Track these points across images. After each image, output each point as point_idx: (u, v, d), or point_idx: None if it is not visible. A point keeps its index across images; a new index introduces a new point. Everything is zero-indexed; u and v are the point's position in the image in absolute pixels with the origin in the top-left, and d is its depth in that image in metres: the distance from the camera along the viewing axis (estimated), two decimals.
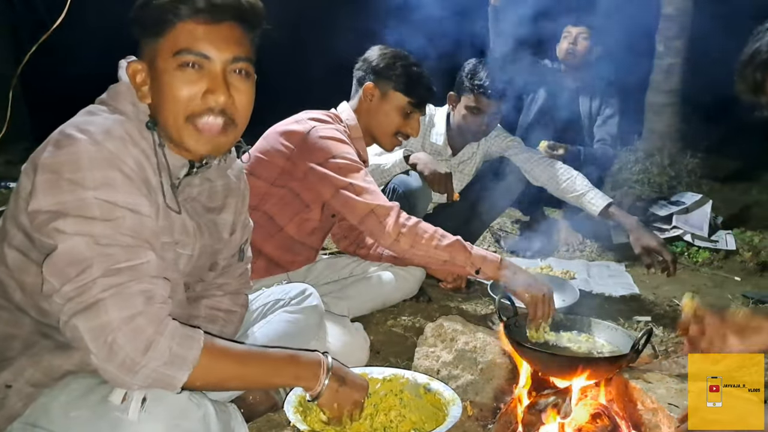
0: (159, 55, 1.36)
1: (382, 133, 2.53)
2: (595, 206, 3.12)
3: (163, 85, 1.36)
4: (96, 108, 1.41)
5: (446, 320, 2.21)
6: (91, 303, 1.22)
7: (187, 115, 1.37)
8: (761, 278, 3.67)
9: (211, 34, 1.36)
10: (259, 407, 1.94)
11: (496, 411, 2.00)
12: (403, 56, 2.53)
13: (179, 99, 1.36)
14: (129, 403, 1.26)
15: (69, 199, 1.24)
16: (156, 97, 1.38)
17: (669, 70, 5.67)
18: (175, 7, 1.34)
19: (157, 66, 1.37)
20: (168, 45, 1.36)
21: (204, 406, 1.33)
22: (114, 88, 1.45)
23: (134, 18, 1.40)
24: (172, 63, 1.35)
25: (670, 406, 1.69)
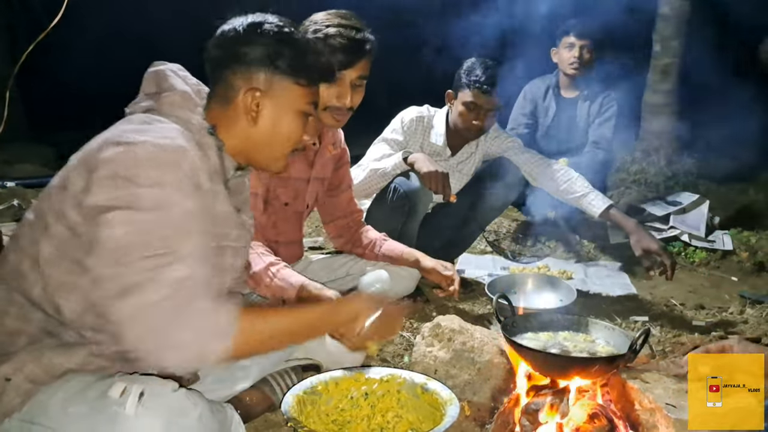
0: (298, 97, 1.55)
1: None
2: (596, 208, 3.12)
3: (281, 123, 1.55)
4: (151, 117, 1.47)
5: (443, 320, 2.21)
6: (127, 287, 1.26)
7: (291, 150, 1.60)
8: (758, 278, 3.68)
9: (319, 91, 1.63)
10: (256, 408, 1.94)
11: (494, 411, 2.00)
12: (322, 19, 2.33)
13: (297, 136, 1.59)
14: (127, 398, 1.27)
15: (123, 194, 1.30)
16: (269, 126, 1.54)
17: (666, 70, 5.68)
18: (330, 71, 1.68)
19: (289, 103, 1.55)
20: (309, 94, 1.58)
21: (200, 406, 1.34)
22: (168, 98, 1.51)
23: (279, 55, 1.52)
24: (304, 107, 1.57)
25: (667, 406, 1.69)
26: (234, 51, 1.52)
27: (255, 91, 1.51)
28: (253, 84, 1.51)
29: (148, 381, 1.33)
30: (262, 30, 1.52)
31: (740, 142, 5.00)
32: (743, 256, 3.88)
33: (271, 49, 1.51)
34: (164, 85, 1.53)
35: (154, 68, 1.58)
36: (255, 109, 1.52)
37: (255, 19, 1.55)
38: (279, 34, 1.53)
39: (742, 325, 2.90)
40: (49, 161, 6.25)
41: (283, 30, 1.54)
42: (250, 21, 1.54)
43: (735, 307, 3.15)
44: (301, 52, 1.55)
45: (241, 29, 1.53)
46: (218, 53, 1.55)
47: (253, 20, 1.55)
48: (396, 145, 3.19)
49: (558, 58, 4.30)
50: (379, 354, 2.46)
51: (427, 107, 3.37)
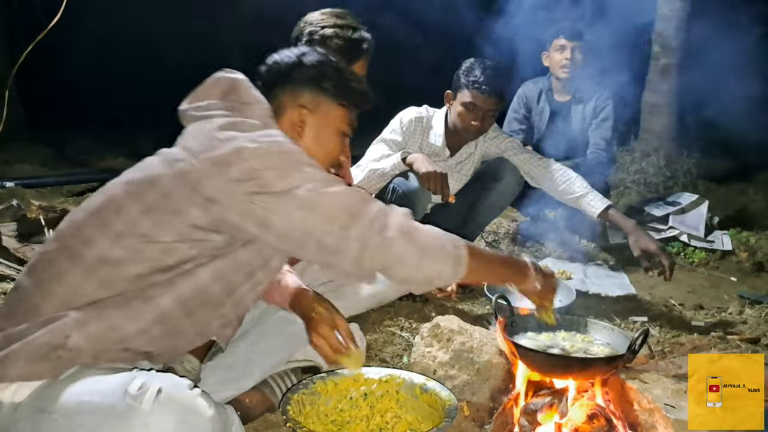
0: (337, 117, 1.72)
1: None
2: (594, 209, 3.12)
3: (325, 139, 1.71)
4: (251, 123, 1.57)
5: (442, 320, 2.21)
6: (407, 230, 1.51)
7: (328, 167, 1.70)
8: (757, 278, 3.67)
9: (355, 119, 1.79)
10: (256, 410, 1.94)
11: (493, 411, 2.00)
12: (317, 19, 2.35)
13: (333, 154, 1.74)
14: (144, 393, 1.29)
15: (299, 176, 1.48)
16: (309, 140, 1.68)
17: (665, 70, 5.69)
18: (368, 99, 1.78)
19: (331, 122, 1.71)
20: (349, 116, 1.74)
21: (212, 407, 1.35)
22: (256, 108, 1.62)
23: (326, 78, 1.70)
24: (343, 128, 1.73)
25: (666, 406, 1.69)
26: (286, 72, 1.70)
27: (302, 109, 1.67)
28: (301, 102, 1.68)
29: (165, 378, 1.36)
30: (312, 56, 1.72)
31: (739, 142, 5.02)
32: (742, 257, 3.88)
33: (319, 72, 1.70)
34: (246, 96, 1.63)
35: (227, 75, 1.66)
36: (300, 125, 1.67)
37: (305, 49, 1.77)
38: (327, 61, 1.73)
39: (741, 326, 2.90)
40: (48, 161, 6.26)
41: (330, 58, 1.76)
42: (301, 49, 1.76)
43: (734, 307, 3.14)
44: (345, 77, 1.74)
45: (294, 54, 1.72)
46: (271, 74, 1.71)
47: (303, 49, 1.76)
48: (395, 146, 3.19)
49: (549, 61, 4.26)
50: (377, 354, 2.46)
51: (426, 108, 3.37)
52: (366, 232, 1.47)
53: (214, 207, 1.45)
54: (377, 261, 1.49)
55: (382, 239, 1.47)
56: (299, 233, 1.47)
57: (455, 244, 1.57)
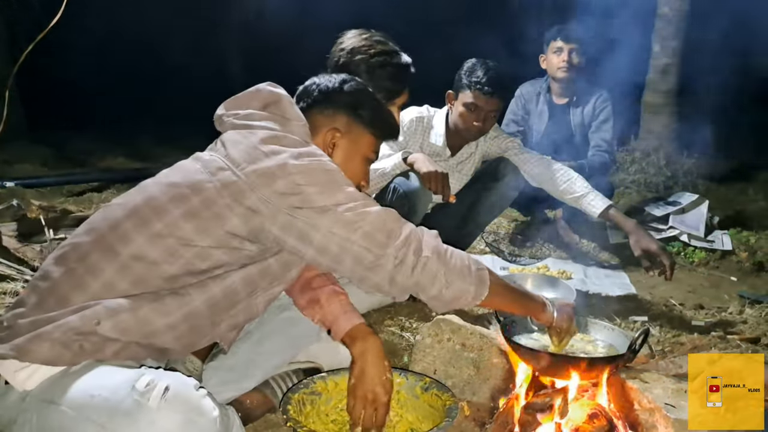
0: (366, 144, 1.82)
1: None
2: (595, 208, 3.12)
3: (354, 162, 1.80)
4: (293, 139, 1.64)
5: (443, 320, 2.21)
6: (439, 250, 1.59)
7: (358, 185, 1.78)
8: (757, 278, 3.68)
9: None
10: (256, 411, 1.94)
11: (493, 411, 2.00)
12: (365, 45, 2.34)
13: (359, 177, 1.82)
14: (151, 391, 1.31)
15: (340, 195, 1.55)
16: (341, 162, 1.73)
17: (665, 70, 5.70)
18: (396, 132, 1.94)
19: (360, 147, 1.81)
20: (376, 145, 1.85)
21: (217, 408, 1.36)
22: (298, 125, 1.71)
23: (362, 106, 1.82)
24: (370, 155, 1.84)
25: (666, 406, 1.69)
26: (326, 95, 1.81)
27: (336, 131, 1.77)
28: (336, 124, 1.78)
29: (173, 377, 1.37)
30: (353, 84, 1.85)
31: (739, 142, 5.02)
32: (742, 256, 3.89)
33: (357, 99, 1.81)
34: (288, 111, 1.71)
35: (271, 89, 1.74)
36: (332, 146, 1.77)
37: (346, 77, 1.88)
38: (365, 91, 1.86)
39: (741, 325, 2.90)
40: (48, 161, 6.26)
41: (368, 89, 1.88)
42: (343, 77, 1.87)
43: (734, 307, 3.15)
44: (379, 108, 1.86)
45: (337, 81, 1.84)
46: (312, 95, 1.82)
47: (345, 77, 1.87)
48: (395, 145, 3.18)
49: (547, 64, 4.25)
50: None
51: (427, 107, 3.37)
52: (402, 251, 1.54)
53: (255, 218, 1.52)
54: (412, 278, 1.56)
55: (417, 258, 1.55)
56: (338, 248, 1.54)
57: (479, 266, 1.64)
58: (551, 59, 4.18)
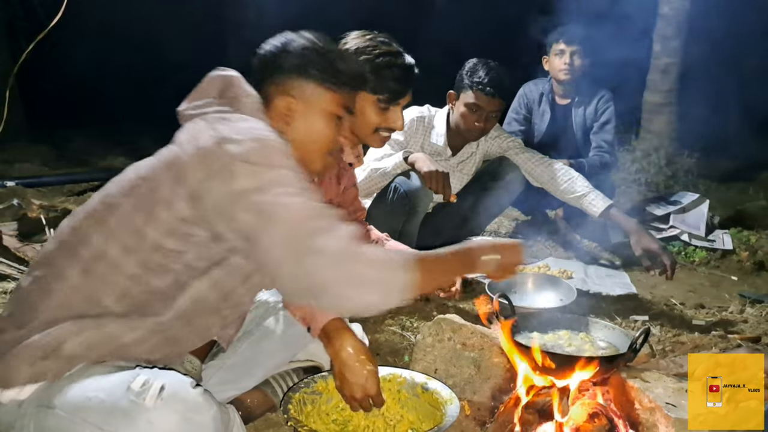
0: (327, 101, 1.68)
1: (363, 134, 2.34)
2: (596, 208, 3.12)
3: (317, 126, 1.69)
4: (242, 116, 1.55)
5: (443, 319, 2.21)
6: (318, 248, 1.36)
7: (327, 151, 1.71)
8: (758, 278, 3.68)
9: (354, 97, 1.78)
10: (257, 410, 1.94)
11: (494, 410, 2.00)
12: (369, 45, 2.27)
13: (328, 139, 1.71)
14: (147, 391, 1.30)
15: (269, 176, 1.41)
16: (301, 129, 1.67)
17: (666, 69, 5.69)
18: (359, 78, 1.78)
19: (318, 107, 1.68)
20: (339, 99, 1.70)
21: (214, 406, 1.35)
22: (248, 101, 1.61)
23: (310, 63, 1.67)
24: (337, 111, 1.70)
25: (667, 405, 1.69)
26: (271, 62, 1.68)
27: (289, 98, 1.66)
28: (287, 90, 1.67)
29: (169, 376, 1.36)
30: (296, 42, 1.70)
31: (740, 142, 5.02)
32: (743, 256, 3.88)
33: (303, 57, 1.67)
34: (238, 90, 1.62)
35: (222, 73, 1.66)
36: (288, 113, 1.66)
37: (289, 35, 1.72)
38: (311, 45, 1.69)
39: (741, 325, 2.90)
40: (48, 160, 6.26)
41: (315, 42, 1.71)
42: (285, 36, 1.72)
43: (735, 306, 3.15)
44: (331, 60, 1.70)
45: (278, 43, 1.70)
46: (259, 65, 1.70)
47: (288, 36, 1.72)
48: (396, 145, 3.19)
49: (549, 66, 4.26)
50: (378, 353, 2.46)
51: (428, 107, 3.37)
52: (302, 253, 1.36)
53: (196, 199, 1.44)
54: (305, 283, 1.37)
55: (314, 262, 1.35)
56: (252, 235, 1.40)
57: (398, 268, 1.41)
58: (553, 61, 4.18)
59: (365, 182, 2.98)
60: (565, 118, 4.29)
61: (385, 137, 2.35)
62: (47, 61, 4.92)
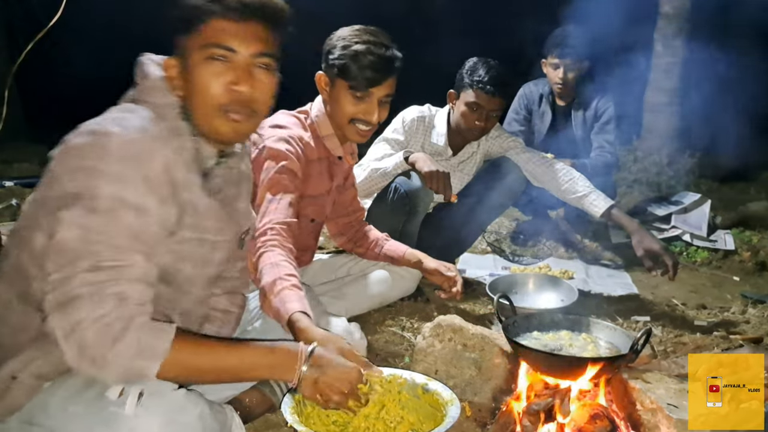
0: (191, 49, 1.47)
1: (339, 124, 2.36)
2: (597, 208, 3.11)
3: (195, 78, 1.46)
4: (132, 106, 1.47)
5: (444, 320, 2.20)
6: (68, 299, 1.25)
7: (218, 104, 1.47)
8: (760, 278, 3.67)
9: (239, 30, 1.46)
10: (256, 410, 1.93)
11: (495, 411, 1.99)
12: (349, 36, 2.29)
13: (210, 89, 1.46)
14: (125, 398, 1.27)
15: (82, 186, 1.29)
16: (188, 89, 1.48)
17: (667, 69, 5.68)
18: (208, 7, 1.45)
19: (190, 60, 1.47)
20: (199, 40, 1.46)
21: (201, 405, 1.33)
22: (146, 84, 1.51)
23: (169, 16, 1.49)
24: (201, 56, 1.46)
25: (669, 406, 1.68)
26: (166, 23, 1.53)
27: (168, 60, 1.52)
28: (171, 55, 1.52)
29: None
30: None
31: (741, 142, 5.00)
32: (745, 256, 3.88)
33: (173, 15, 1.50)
34: (141, 74, 1.53)
35: (140, 58, 1.57)
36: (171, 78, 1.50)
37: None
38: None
39: (743, 325, 2.89)
40: (47, 161, 6.25)
41: None
42: None
43: (737, 306, 3.14)
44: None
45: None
46: None
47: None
48: (397, 145, 3.18)
49: (546, 71, 4.25)
50: (379, 354, 2.45)
51: (429, 107, 3.36)
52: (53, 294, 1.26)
53: None
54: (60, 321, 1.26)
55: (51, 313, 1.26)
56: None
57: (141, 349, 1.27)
58: (549, 71, 4.17)
59: (365, 182, 2.97)
60: (565, 119, 4.28)
61: (362, 130, 2.34)
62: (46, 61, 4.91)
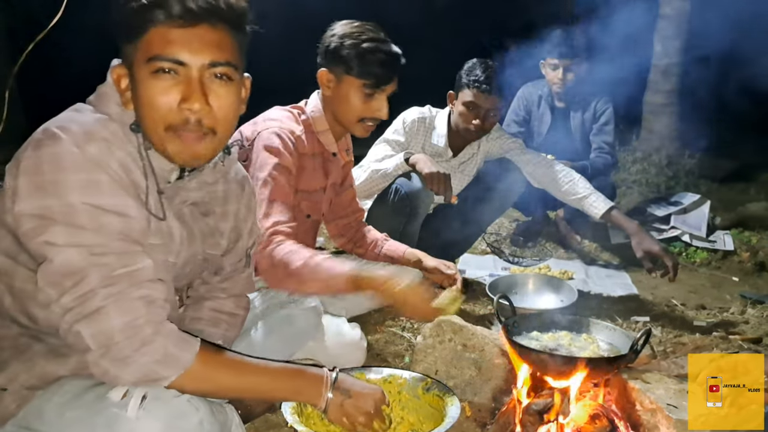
0: (135, 61, 1.30)
1: (347, 121, 2.35)
2: (597, 210, 3.11)
3: (141, 94, 1.31)
4: (82, 106, 1.38)
5: (444, 320, 2.21)
6: (93, 311, 1.24)
7: (166, 125, 1.31)
8: (759, 278, 3.67)
9: (186, 37, 1.28)
10: (257, 409, 1.94)
11: (495, 411, 2.00)
12: (355, 32, 2.29)
13: (156, 108, 1.30)
14: (128, 400, 1.26)
15: (54, 204, 1.22)
16: (136, 104, 1.33)
17: (667, 70, 5.69)
18: (148, 11, 1.26)
19: (135, 73, 1.31)
20: (143, 51, 1.29)
21: (202, 410, 1.33)
22: (100, 89, 1.41)
23: (111, 21, 1.32)
24: (146, 70, 1.29)
25: (668, 406, 1.68)
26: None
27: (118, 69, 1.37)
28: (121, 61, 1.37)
29: None
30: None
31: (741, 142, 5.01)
32: (744, 257, 3.88)
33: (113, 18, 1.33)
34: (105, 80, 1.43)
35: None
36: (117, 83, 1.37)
37: None
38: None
39: (743, 326, 2.89)
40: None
41: None
42: None
43: (736, 307, 3.14)
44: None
45: None
46: None
47: None
48: (397, 146, 3.18)
49: (545, 72, 4.25)
50: (379, 354, 2.45)
51: (429, 108, 3.36)
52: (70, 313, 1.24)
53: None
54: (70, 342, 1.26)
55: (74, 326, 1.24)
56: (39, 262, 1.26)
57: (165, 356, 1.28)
58: (548, 72, 4.17)
59: (366, 183, 2.98)
60: (564, 120, 4.28)
61: (369, 126, 2.35)
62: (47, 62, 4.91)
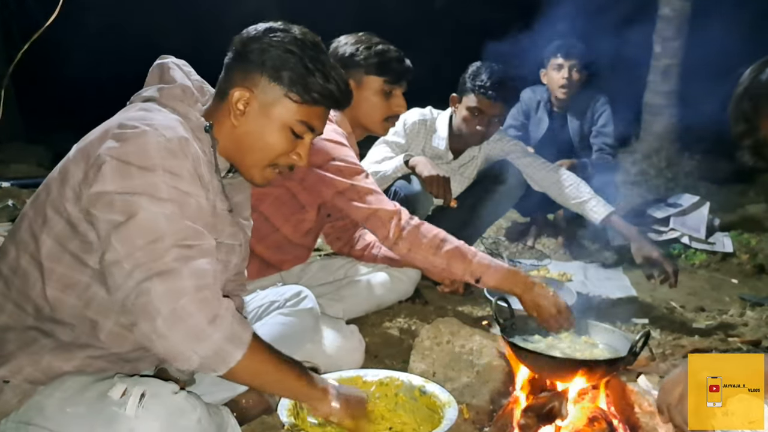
0: (286, 111, 1.50)
1: (371, 122, 2.47)
2: (597, 215, 3.10)
3: (267, 131, 1.51)
4: (151, 106, 1.47)
5: (442, 322, 2.20)
6: (165, 269, 1.28)
7: (272, 162, 1.55)
8: (758, 280, 3.67)
9: (322, 114, 1.57)
10: (252, 411, 1.92)
11: (493, 414, 1.99)
12: (364, 38, 2.44)
13: (275, 149, 1.53)
14: (127, 399, 1.27)
15: (139, 183, 1.31)
16: (248, 128, 1.51)
17: (666, 71, 5.67)
18: (325, 99, 1.53)
19: (274, 113, 1.51)
20: (300, 111, 1.51)
21: (200, 409, 1.33)
22: (168, 90, 1.51)
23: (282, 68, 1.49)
24: (288, 122, 1.51)
25: None
26: (243, 48, 1.52)
27: (247, 90, 1.49)
28: (248, 83, 1.50)
29: (149, 382, 1.34)
30: (278, 36, 1.51)
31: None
32: (743, 259, 3.88)
33: (277, 55, 1.49)
34: (166, 77, 1.55)
35: (159, 61, 1.60)
36: (242, 108, 1.50)
37: (276, 24, 1.54)
38: (292, 44, 1.50)
39: (742, 328, 2.88)
40: (44, 162, 6.24)
41: (298, 40, 1.51)
42: (271, 24, 1.54)
43: (735, 309, 3.14)
44: (308, 69, 1.49)
45: (261, 29, 1.53)
46: (232, 49, 1.55)
47: (273, 24, 1.54)
48: (397, 148, 3.17)
49: (547, 79, 4.24)
50: (376, 356, 2.44)
51: (430, 110, 3.34)
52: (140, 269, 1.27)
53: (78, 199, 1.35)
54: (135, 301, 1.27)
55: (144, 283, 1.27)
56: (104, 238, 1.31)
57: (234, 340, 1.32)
58: (552, 75, 4.16)
59: None
60: (562, 125, 4.29)
61: (391, 125, 2.51)
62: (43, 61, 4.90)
